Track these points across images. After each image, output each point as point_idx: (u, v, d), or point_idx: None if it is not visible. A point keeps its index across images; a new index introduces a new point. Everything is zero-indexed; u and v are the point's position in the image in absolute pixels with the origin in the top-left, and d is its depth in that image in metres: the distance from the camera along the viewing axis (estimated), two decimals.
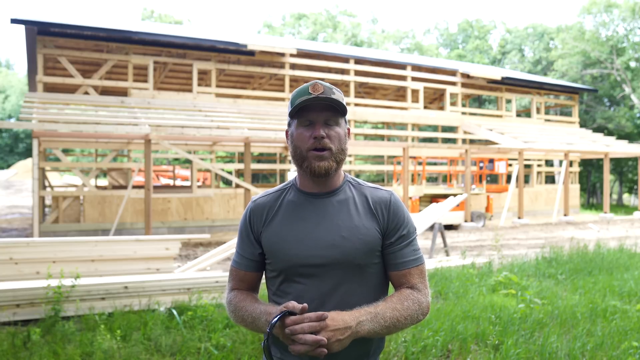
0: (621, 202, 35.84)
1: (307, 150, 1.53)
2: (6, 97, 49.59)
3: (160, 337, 4.30)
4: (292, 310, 1.39)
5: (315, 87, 1.51)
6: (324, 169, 1.52)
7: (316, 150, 1.52)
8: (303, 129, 1.54)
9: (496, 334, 4.42)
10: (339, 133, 1.55)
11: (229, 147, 17.01)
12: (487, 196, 17.85)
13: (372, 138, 25.38)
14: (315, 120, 1.53)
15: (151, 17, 46.40)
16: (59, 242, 5.95)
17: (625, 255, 8.55)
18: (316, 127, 1.52)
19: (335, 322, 1.39)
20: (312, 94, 1.50)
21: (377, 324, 1.45)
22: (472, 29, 48.83)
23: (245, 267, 1.64)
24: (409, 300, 1.52)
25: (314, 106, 1.52)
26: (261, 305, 1.54)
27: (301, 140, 1.54)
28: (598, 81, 33.26)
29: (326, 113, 1.53)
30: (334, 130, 1.54)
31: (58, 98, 14.24)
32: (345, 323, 1.40)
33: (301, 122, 1.54)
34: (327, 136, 1.52)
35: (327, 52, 18.56)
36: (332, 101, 1.51)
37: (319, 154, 1.52)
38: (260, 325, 1.50)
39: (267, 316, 1.47)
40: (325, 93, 1.51)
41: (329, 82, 19.18)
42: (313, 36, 47.98)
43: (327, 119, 1.54)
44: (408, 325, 1.53)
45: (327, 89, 1.52)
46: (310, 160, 1.52)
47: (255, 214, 1.62)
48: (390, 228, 1.57)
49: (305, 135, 1.53)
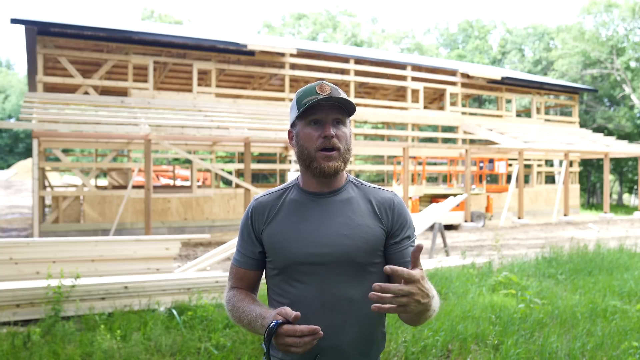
0: (621, 202, 35.84)
1: (315, 150, 1.52)
2: (6, 97, 49.58)
3: (160, 337, 4.30)
4: (286, 319, 1.37)
5: (323, 88, 1.51)
6: (334, 169, 1.52)
7: (325, 150, 1.51)
8: (311, 129, 1.53)
9: (496, 334, 4.42)
10: (346, 133, 1.55)
11: (229, 147, 17.01)
12: (487, 196, 17.85)
13: (372, 138, 25.38)
14: (324, 119, 1.53)
15: (151, 17, 46.40)
16: (59, 242, 5.95)
17: (625, 255, 8.54)
18: (325, 127, 1.52)
19: (424, 281, 1.33)
20: (320, 94, 1.50)
21: (436, 305, 1.42)
22: (472, 29, 48.82)
23: (245, 266, 1.64)
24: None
25: (322, 106, 1.52)
26: (257, 307, 1.53)
27: (309, 140, 1.53)
28: (598, 81, 33.26)
29: (335, 112, 1.53)
30: (342, 130, 1.55)
31: (58, 98, 14.24)
32: (430, 290, 1.36)
33: (309, 122, 1.54)
34: (335, 135, 1.52)
35: (327, 52, 18.56)
36: (342, 100, 1.52)
37: (327, 154, 1.51)
38: (255, 327, 1.49)
39: (261, 320, 1.46)
40: (332, 93, 1.51)
41: (329, 82, 19.53)
42: (313, 36, 47.97)
43: (336, 119, 1.54)
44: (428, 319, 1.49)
45: (334, 89, 1.53)
46: (320, 161, 1.52)
47: (257, 213, 1.62)
48: (395, 229, 1.57)
49: (313, 135, 1.53)
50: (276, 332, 1.36)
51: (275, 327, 1.36)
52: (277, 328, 1.36)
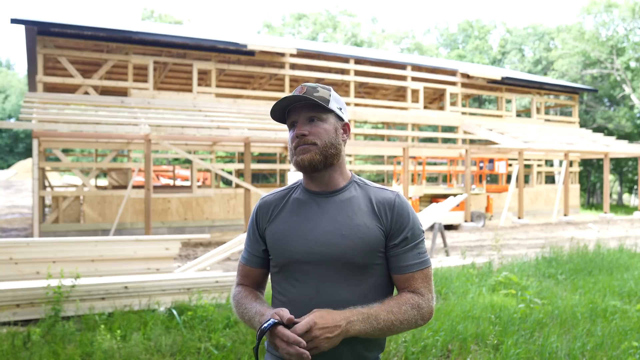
0: (621, 202, 35.83)
1: (294, 148, 1.58)
2: (6, 97, 49.59)
3: (160, 337, 4.30)
4: (281, 320, 1.41)
5: (301, 90, 1.56)
6: (307, 160, 1.54)
7: (299, 147, 1.56)
8: (291, 131, 1.60)
9: (496, 334, 4.42)
10: (325, 128, 1.57)
11: (229, 147, 17.01)
12: (487, 196, 17.85)
13: (372, 138, 25.39)
14: (297, 119, 1.58)
15: (151, 17, 46.41)
16: (59, 242, 5.95)
17: (625, 255, 8.54)
18: (297, 126, 1.57)
19: (324, 320, 1.40)
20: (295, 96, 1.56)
21: (369, 325, 1.45)
22: (472, 29, 48.82)
23: (251, 263, 1.68)
24: (407, 304, 1.51)
25: (295, 107, 1.58)
26: (258, 305, 1.56)
27: (290, 142, 1.60)
28: (598, 81, 33.25)
29: (307, 111, 1.57)
30: (319, 126, 1.57)
31: (58, 98, 14.24)
32: (335, 322, 1.41)
33: (289, 124, 1.60)
34: (310, 133, 1.55)
35: (327, 52, 18.56)
36: (307, 99, 1.54)
37: (302, 148, 1.55)
38: (254, 324, 1.53)
39: (259, 317, 1.50)
40: (307, 93, 1.54)
41: (328, 82, 18.90)
42: (313, 36, 47.97)
43: (310, 117, 1.57)
44: (405, 330, 1.52)
45: (310, 89, 1.56)
46: (297, 155, 1.57)
47: (261, 211, 1.66)
48: (394, 230, 1.56)
49: (292, 136, 1.59)
50: (271, 331, 1.41)
51: (268, 328, 1.40)
52: (270, 328, 1.40)
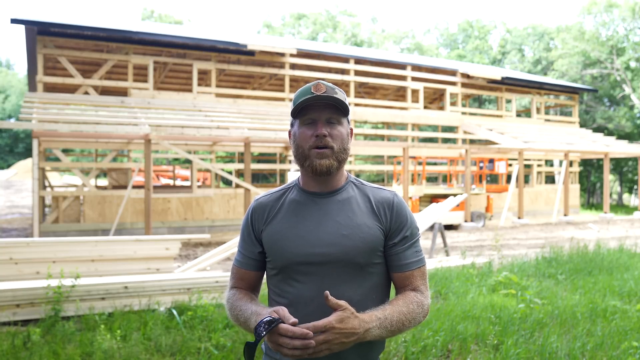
0: (621, 202, 35.83)
1: (309, 148, 1.53)
2: (6, 97, 49.59)
3: (160, 337, 4.30)
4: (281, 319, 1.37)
5: (318, 87, 1.52)
6: (325, 166, 1.52)
7: (318, 148, 1.52)
8: (305, 128, 1.55)
9: (496, 334, 4.42)
10: (341, 132, 1.55)
11: (229, 147, 17.01)
12: (487, 196, 17.84)
13: (372, 138, 25.38)
14: (317, 118, 1.54)
15: (151, 17, 46.40)
16: (59, 242, 5.95)
17: (625, 255, 8.54)
18: (318, 126, 1.53)
19: (343, 324, 1.38)
20: (314, 94, 1.51)
21: (384, 330, 1.46)
22: (472, 29, 48.82)
23: (246, 266, 1.65)
24: (413, 303, 1.53)
25: (315, 105, 1.53)
26: (254, 306, 1.53)
27: (303, 139, 1.54)
28: (598, 81, 33.25)
29: (328, 111, 1.54)
30: (336, 129, 1.54)
31: (58, 98, 14.24)
32: (353, 329, 1.39)
33: (303, 121, 1.55)
34: (329, 135, 1.53)
35: (327, 52, 18.56)
36: (334, 100, 1.52)
37: (320, 152, 1.52)
38: (251, 325, 1.49)
39: (256, 317, 1.46)
40: (327, 92, 1.52)
41: (329, 82, 19.24)
42: (313, 36, 47.96)
43: (329, 118, 1.54)
44: (411, 328, 1.54)
45: (330, 89, 1.53)
46: (312, 159, 1.53)
47: (257, 213, 1.63)
48: (393, 229, 1.57)
49: (307, 134, 1.54)
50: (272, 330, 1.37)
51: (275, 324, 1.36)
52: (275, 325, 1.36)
